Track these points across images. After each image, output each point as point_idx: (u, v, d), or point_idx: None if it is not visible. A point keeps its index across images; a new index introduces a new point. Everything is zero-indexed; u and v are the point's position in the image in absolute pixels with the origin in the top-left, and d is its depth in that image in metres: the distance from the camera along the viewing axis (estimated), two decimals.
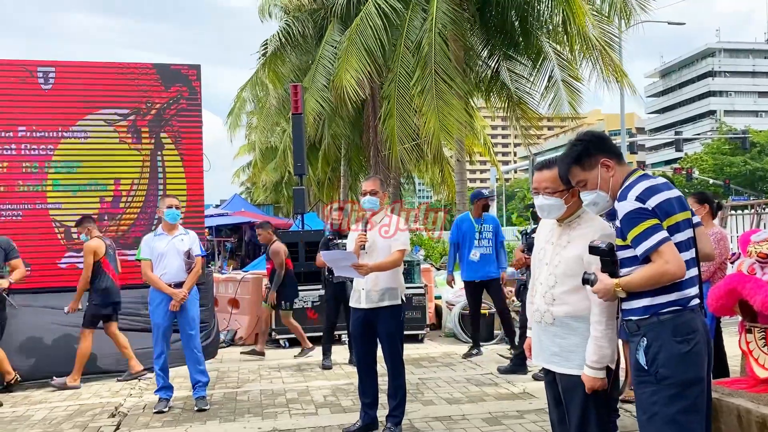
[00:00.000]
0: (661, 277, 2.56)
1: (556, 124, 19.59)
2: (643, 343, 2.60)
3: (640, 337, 2.62)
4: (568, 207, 2.98)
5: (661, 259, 2.55)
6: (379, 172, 16.55)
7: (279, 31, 17.45)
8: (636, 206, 2.61)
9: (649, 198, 2.63)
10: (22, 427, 5.32)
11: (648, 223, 2.58)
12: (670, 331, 2.57)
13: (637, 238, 2.59)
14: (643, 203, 2.61)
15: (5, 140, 7.39)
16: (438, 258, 18.38)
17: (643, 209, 2.60)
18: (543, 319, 3.01)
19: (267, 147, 29.30)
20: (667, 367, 2.55)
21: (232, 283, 9.61)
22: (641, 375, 2.62)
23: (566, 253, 2.95)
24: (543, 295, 3.01)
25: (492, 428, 4.88)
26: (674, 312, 2.59)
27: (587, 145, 2.81)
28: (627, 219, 2.62)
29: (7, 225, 7.30)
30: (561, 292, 2.93)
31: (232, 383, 6.71)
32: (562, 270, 2.94)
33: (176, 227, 5.90)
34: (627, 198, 2.65)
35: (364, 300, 4.75)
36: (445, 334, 9.30)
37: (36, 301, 7.17)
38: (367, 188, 4.86)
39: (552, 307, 2.96)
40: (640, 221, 2.59)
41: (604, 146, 2.81)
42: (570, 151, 2.85)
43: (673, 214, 2.64)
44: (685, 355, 2.56)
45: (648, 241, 2.56)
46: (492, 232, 7.60)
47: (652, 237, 2.56)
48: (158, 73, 7.91)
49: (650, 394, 2.58)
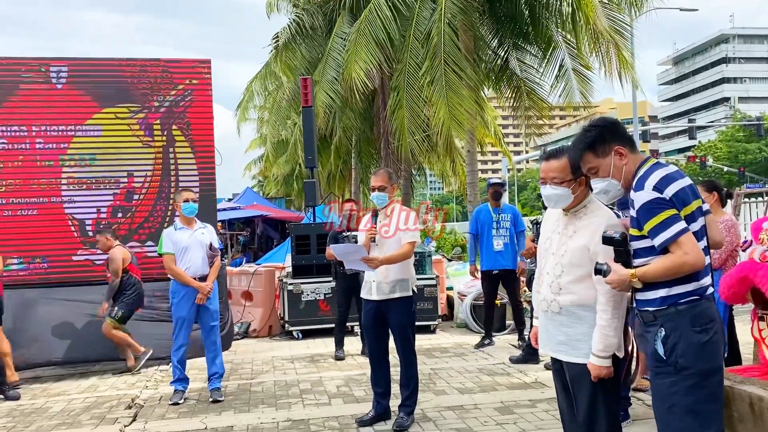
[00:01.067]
0: (680, 268, 2.53)
1: (567, 114, 19.47)
2: (660, 334, 2.57)
3: (657, 327, 2.59)
4: (575, 197, 2.97)
5: (681, 250, 2.51)
6: (390, 165, 16.55)
7: (289, 23, 17.47)
8: (654, 196, 2.57)
9: (666, 187, 2.59)
10: (41, 419, 5.41)
11: (667, 214, 2.54)
12: (688, 321, 2.54)
13: (655, 229, 2.55)
14: (660, 192, 2.57)
15: (20, 137, 7.48)
16: (449, 249, 18.39)
17: (662, 199, 2.56)
18: (549, 308, 3.02)
19: (278, 140, 29.38)
20: (686, 357, 2.52)
21: (246, 276, 9.68)
22: (659, 366, 2.59)
23: (572, 243, 2.94)
24: (549, 284, 3.01)
25: (504, 417, 4.91)
26: (692, 302, 2.56)
27: (602, 132, 2.76)
28: (645, 209, 2.57)
29: (22, 220, 7.40)
30: (567, 281, 2.94)
31: (246, 375, 6.78)
32: (568, 259, 2.94)
33: (194, 220, 5.95)
34: (644, 188, 2.60)
35: (375, 292, 4.78)
36: (457, 324, 9.33)
37: (57, 294, 7.29)
38: (376, 184, 4.89)
39: (558, 296, 2.97)
40: (659, 211, 2.54)
41: (618, 133, 2.76)
42: (583, 136, 2.80)
43: (688, 204, 2.61)
44: (705, 344, 2.54)
45: (667, 232, 2.53)
46: (510, 222, 7.59)
47: (671, 227, 2.53)
48: (169, 68, 7.95)
49: (669, 385, 2.56)
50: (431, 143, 16.24)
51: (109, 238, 7.13)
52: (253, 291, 9.50)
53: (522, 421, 4.81)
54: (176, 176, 7.90)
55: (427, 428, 4.72)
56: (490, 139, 22.64)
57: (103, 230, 7.26)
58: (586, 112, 18.00)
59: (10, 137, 7.45)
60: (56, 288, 7.36)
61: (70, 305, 7.25)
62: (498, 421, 4.84)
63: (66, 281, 7.44)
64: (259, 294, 9.42)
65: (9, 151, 7.43)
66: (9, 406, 5.87)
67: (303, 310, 8.72)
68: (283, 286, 8.81)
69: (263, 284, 9.44)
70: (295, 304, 8.71)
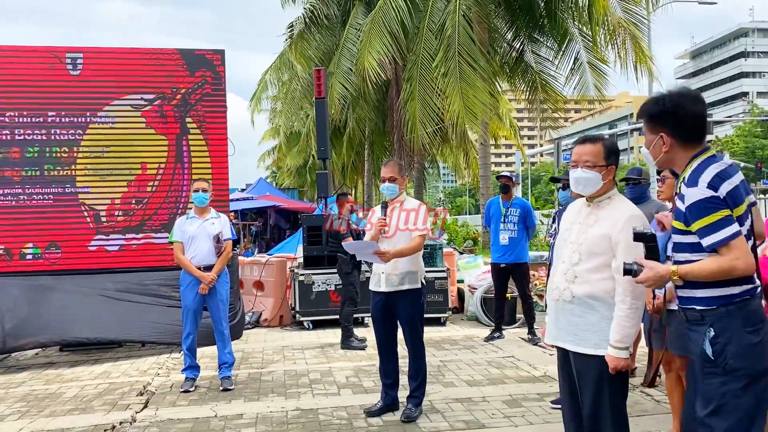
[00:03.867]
0: (728, 273, 2.43)
1: (582, 107, 19.33)
2: (709, 334, 2.47)
3: (705, 327, 2.49)
4: (603, 184, 2.95)
5: (731, 254, 2.42)
6: (403, 156, 16.55)
7: (304, 13, 17.48)
8: (708, 194, 2.45)
9: (721, 185, 2.47)
10: (55, 404, 5.49)
11: (720, 215, 2.43)
12: (740, 322, 2.45)
13: (706, 229, 2.45)
14: (715, 191, 2.46)
15: (35, 125, 7.55)
16: (461, 242, 18.36)
17: (716, 198, 2.45)
18: (561, 297, 3.00)
19: (291, 131, 29.43)
20: (737, 358, 2.43)
21: (257, 266, 9.74)
22: (708, 366, 2.49)
23: (593, 231, 2.93)
24: (564, 272, 3.00)
25: (512, 410, 4.92)
26: (743, 302, 2.47)
27: (662, 112, 2.61)
28: (697, 207, 2.47)
29: (38, 208, 7.49)
30: (584, 269, 2.92)
31: (257, 364, 6.83)
32: (587, 247, 2.92)
33: (208, 210, 5.99)
34: (698, 184, 2.48)
35: (384, 284, 4.80)
36: (467, 317, 9.33)
37: (71, 281, 7.39)
38: (386, 175, 4.89)
39: (572, 285, 2.95)
40: (712, 211, 2.44)
41: (675, 123, 2.59)
42: (650, 104, 2.67)
43: (741, 203, 2.51)
44: (756, 345, 2.45)
45: (719, 234, 2.43)
46: (518, 216, 7.59)
47: (723, 230, 2.43)
48: (183, 58, 7.99)
49: (719, 385, 2.47)
50: (444, 135, 16.24)
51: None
52: (265, 281, 9.56)
53: (530, 414, 4.82)
54: (189, 166, 7.95)
55: (435, 420, 4.74)
56: (504, 131, 22.57)
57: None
58: (601, 105, 17.89)
59: (27, 126, 7.53)
60: (70, 275, 7.45)
61: (84, 292, 7.34)
62: (506, 414, 4.85)
63: (80, 269, 7.53)
64: (271, 284, 9.48)
65: (25, 140, 7.51)
66: (24, 391, 5.96)
67: (314, 301, 8.76)
68: (295, 276, 8.86)
69: (275, 274, 9.49)
70: (306, 295, 8.76)
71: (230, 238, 6.05)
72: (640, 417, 4.63)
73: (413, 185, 19.64)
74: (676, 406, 4.05)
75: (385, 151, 21.08)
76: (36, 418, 5.10)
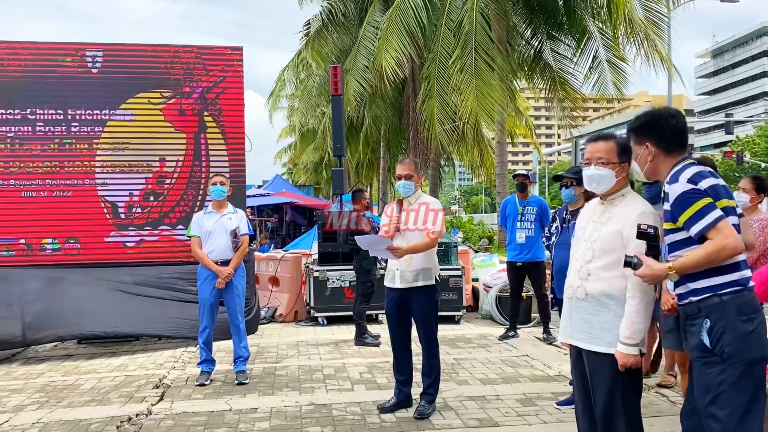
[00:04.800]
0: (720, 253, 2.56)
1: (601, 106, 19.23)
2: (706, 325, 2.59)
3: (702, 318, 2.61)
4: (617, 181, 2.97)
5: (720, 235, 2.55)
6: (419, 154, 16.54)
7: (321, 10, 17.51)
8: (689, 187, 2.63)
9: (701, 181, 2.64)
10: (73, 395, 5.57)
11: (703, 202, 2.59)
12: (734, 311, 2.57)
13: (691, 218, 2.60)
14: (695, 184, 2.63)
15: (56, 121, 7.65)
16: (477, 240, 18.32)
17: (696, 189, 2.62)
18: (575, 295, 3.00)
19: (307, 128, 29.50)
20: (733, 345, 2.55)
21: (273, 262, 9.79)
22: (706, 356, 2.61)
23: (606, 229, 2.94)
24: (578, 270, 3.01)
25: (526, 409, 4.91)
26: (736, 292, 2.59)
27: (644, 124, 2.85)
28: (680, 200, 2.63)
29: (57, 202, 7.60)
30: (597, 267, 2.93)
31: (272, 358, 6.88)
32: (600, 245, 2.93)
33: (225, 205, 6.04)
34: (679, 180, 2.66)
35: (398, 280, 4.81)
36: (482, 315, 9.31)
37: (89, 274, 7.48)
38: (402, 173, 4.90)
39: (586, 282, 2.96)
40: (694, 201, 2.60)
41: (659, 131, 2.81)
42: (633, 119, 2.93)
43: (722, 198, 2.65)
44: (751, 333, 2.56)
45: (704, 219, 2.57)
46: (535, 215, 7.56)
47: (708, 215, 2.57)
48: (202, 54, 8.04)
49: (717, 374, 2.58)
50: (461, 133, 16.17)
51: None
52: (280, 277, 9.61)
53: (543, 413, 4.80)
54: (207, 162, 8.01)
55: (448, 417, 4.75)
56: (521, 130, 22.46)
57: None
58: (620, 104, 17.76)
59: (47, 121, 7.63)
60: (88, 268, 7.54)
61: (102, 286, 7.42)
62: (519, 412, 4.84)
63: (98, 262, 7.62)
64: (286, 280, 9.53)
65: (45, 135, 7.61)
66: (43, 382, 6.05)
67: (328, 297, 8.80)
68: (310, 272, 8.90)
69: (290, 270, 9.54)
70: (320, 291, 8.79)
71: (247, 233, 6.09)
72: (656, 418, 4.60)
73: (429, 183, 19.62)
74: None
75: (401, 149, 21.07)
76: (54, 408, 5.17)
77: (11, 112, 7.54)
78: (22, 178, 7.54)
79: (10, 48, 7.61)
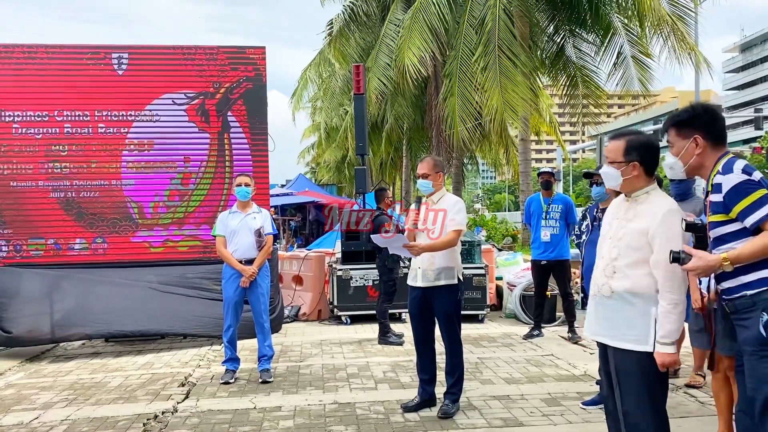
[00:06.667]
0: None
1: (626, 102, 18.98)
2: (763, 318, 2.59)
3: (758, 311, 2.60)
4: (625, 180, 2.95)
5: None
6: (441, 153, 16.49)
7: (344, 9, 17.53)
8: (744, 178, 2.64)
9: (753, 172, 2.68)
10: (100, 393, 5.65)
11: (759, 193, 2.60)
12: None
13: (748, 209, 2.60)
14: (749, 175, 2.65)
15: (83, 122, 7.77)
16: (500, 239, 18.21)
17: (752, 180, 2.64)
18: (600, 292, 3.00)
19: (330, 127, 29.59)
20: None
21: (296, 261, 9.83)
22: (764, 349, 2.60)
23: (631, 226, 2.92)
24: (603, 268, 3.00)
25: (551, 409, 4.86)
26: None
27: (693, 116, 2.85)
28: (735, 191, 2.64)
29: (84, 202, 7.71)
30: (623, 264, 2.90)
31: (295, 357, 6.90)
32: (626, 242, 2.91)
33: (249, 205, 6.07)
34: (733, 170, 2.67)
35: (420, 278, 4.79)
36: (506, 314, 9.25)
37: (116, 273, 7.59)
38: (421, 171, 4.90)
39: (611, 280, 2.94)
40: (751, 191, 2.61)
41: (708, 125, 2.83)
42: (678, 113, 2.92)
43: None
44: None
45: (761, 210, 2.58)
46: (560, 213, 7.49)
47: (765, 206, 2.58)
48: (225, 54, 8.10)
49: None
50: (483, 131, 16.09)
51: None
52: (304, 275, 9.64)
53: (569, 413, 4.75)
54: (231, 161, 8.07)
55: (472, 416, 4.72)
56: (544, 127, 22.27)
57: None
58: (646, 100, 17.52)
59: (74, 122, 7.75)
60: (115, 268, 7.65)
61: (128, 284, 7.52)
62: (544, 412, 4.79)
63: (124, 261, 7.72)
64: (309, 279, 9.56)
65: (73, 136, 7.73)
66: (71, 380, 6.14)
67: (351, 296, 8.81)
68: (333, 271, 8.92)
69: (313, 269, 9.57)
70: (344, 290, 8.81)
71: (271, 232, 6.12)
72: (684, 419, 4.52)
73: (452, 182, 19.55)
74: (723, 408, 3.94)
75: (423, 147, 21.02)
76: (82, 406, 5.25)
77: (39, 113, 7.66)
78: (50, 179, 7.66)
79: (38, 50, 7.73)
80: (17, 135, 7.63)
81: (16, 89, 7.63)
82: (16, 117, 7.64)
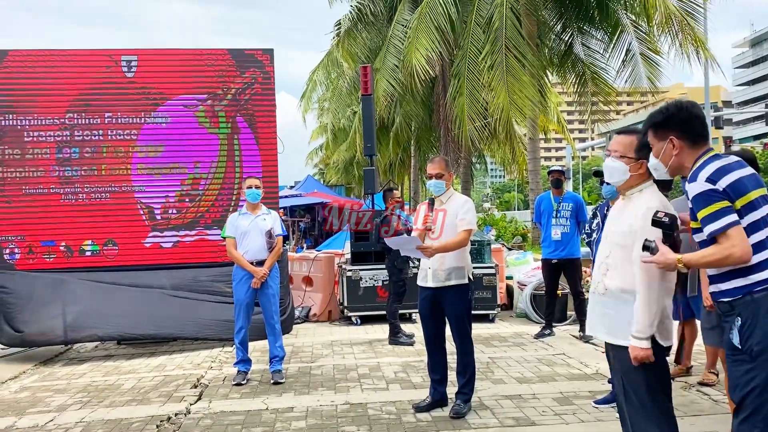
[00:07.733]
0: (724, 260, 2.56)
1: (635, 99, 18.92)
2: (737, 323, 2.58)
3: (734, 317, 2.60)
4: (630, 177, 2.96)
5: (728, 242, 2.54)
6: (450, 152, 16.46)
7: (351, 10, 17.56)
8: (706, 188, 2.60)
9: (720, 178, 2.61)
10: (114, 395, 5.69)
11: (717, 206, 2.57)
12: (765, 309, 2.54)
13: (706, 219, 2.60)
14: (713, 184, 2.60)
15: (93, 126, 7.83)
16: (510, 238, 18.17)
17: (714, 191, 2.59)
18: (596, 290, 3.05)
19: (338, 128, 29.62)
20: (762, 343, 2.52)
21: (306, 262, 9.86)
22: (735, 354, 2.61)
23: (620, 223, 2.96)
24: (599, 265, 3.05)
25: (563, 408, 4.85)
26: (767, 290, 2.57)
27: (667, 117, 2.80)
28: (696, 200, 2.63)
29: (96, 205, 7.77)
30: (614, 262, 2.95)
31: (307, 358, 6.92)
32: (615, 240, 2.96)
33: (259, 206, 6.10)
34: (697, 179, 2.65)
35: (431, 279, 4.79)
36: (517, 314, 9.23)
37: (127, 276, 7.64)
38: (432, 171, 4.89)
39: (605, 278, 2.98)
40: (710, 202, 2.58)
41: (683, 124, 2.78)
42: (653, 115, 2.88)
43: (746, 193, 2.61)
44: None
45: (716, 223, 2.56)
46: (571, 211, 7.46)
47: (720, 219, 2.56)
48: (233, 58, 8.14)
49: (745, 372, 2.57)
50: (491, 130, 16.05)
51: None
52: (314, 276, 9.67)
53: (581, 412, 4.74)
54: (240, 164, 8.11)
55: (484, 416, 4.71)
56: (553, 126, 22.20)
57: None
58: (654, 98, 17.43)
59: (85, 126, 7.80)
60: (126, 271, 7.70)
61: (140, 287, 7.57)
62: (557, 411, 4.78)
63: (135, 264, 7.76)
64: (319, 279, 9.58)
65: (83, 140, 7.79)
66: (84, 382, 6.19)
67: (361, 296, 8.82)
68: (343, 272, 8.94)
69: (323, 270, 9.59)
70: (353, 290, 8.82)
71: (281, 234, 6.14)
72: (697, 417, 4.50)
73: (460, 181, 19.53)
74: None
75: (432, 147, 21.00)
76: (96, 408, 5.28)
77: (50, 118, 7.73)
78: (61, 183, 7.72)
79: (49, 56, 7.80)
80: (29, 140, 7.69)
81: (28, 95, 7.70)
82: (28, 122, 7.70)
